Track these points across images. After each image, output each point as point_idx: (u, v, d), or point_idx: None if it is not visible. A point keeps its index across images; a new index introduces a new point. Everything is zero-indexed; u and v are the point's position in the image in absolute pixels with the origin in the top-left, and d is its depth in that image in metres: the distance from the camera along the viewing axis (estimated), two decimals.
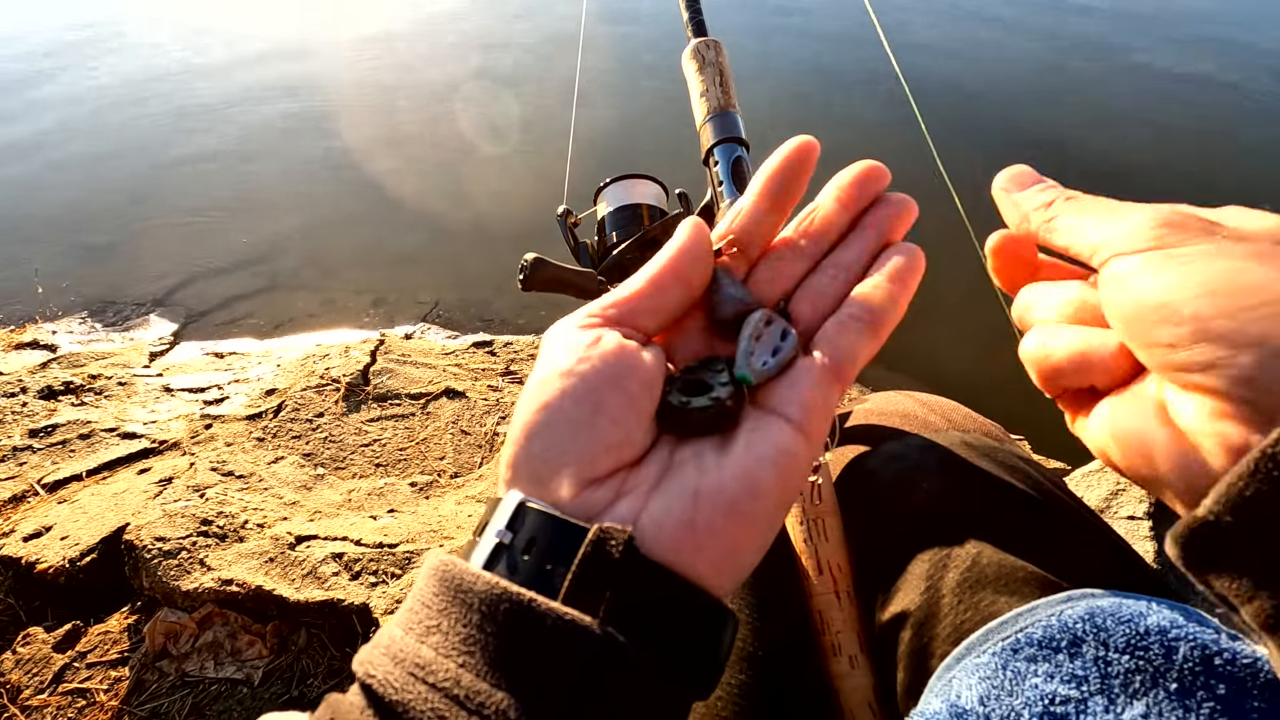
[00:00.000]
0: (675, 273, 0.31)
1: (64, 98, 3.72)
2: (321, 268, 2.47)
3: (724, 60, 0.68)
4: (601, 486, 0.28)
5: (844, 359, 0.30)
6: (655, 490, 0.28)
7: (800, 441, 0.28)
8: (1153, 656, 0.30)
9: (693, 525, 0.26)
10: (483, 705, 0.23)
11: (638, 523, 0.27)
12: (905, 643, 0.40)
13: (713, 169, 0.63)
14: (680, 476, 0.28)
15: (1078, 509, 0.46)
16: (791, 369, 0.30)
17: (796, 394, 0.29)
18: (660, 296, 0.31)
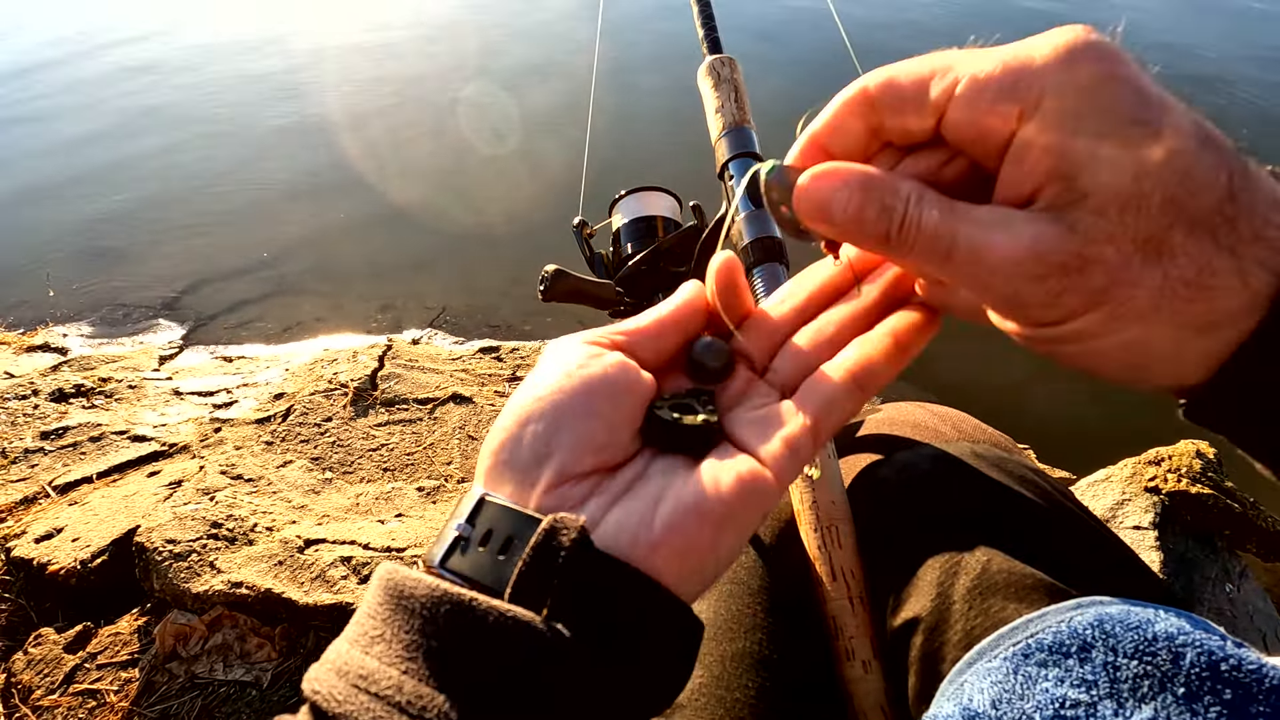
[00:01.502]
0: (676, 321, 0.33)
1: (73, 103, 3.75)
2: (329, 273, 2.49)
3: (739, 77, 0.69)
4: (578, 484, 0.28)
5: (822, 416, 0.31)
6: (625, 495, 0.28)
7: (766, 479, 0.29)
8: (1160, 662, 0.31)
9: (651, 525, 0.27)
10: (424, 710, 0.23)
11: (602, 520, 0.27)
12: (917, 648, 0.41)
13: (727, 183, 0.64)
14: (650, 484, 0.29)
15: (1085, 519, 0.47)
16: (776, 413, 0.31)
17: (767, 442, 0.30)
18: (662, 338, 0.33)
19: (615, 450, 0.30)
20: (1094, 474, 1.38)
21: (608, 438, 0.29)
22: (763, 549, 0.50)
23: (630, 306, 0.72)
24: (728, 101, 0.66)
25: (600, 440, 0.29)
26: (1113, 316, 0.26)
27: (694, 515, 0.27)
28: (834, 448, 0.49)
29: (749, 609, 0.46)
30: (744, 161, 0.63)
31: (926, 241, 0.28)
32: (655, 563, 0.27)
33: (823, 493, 0.47)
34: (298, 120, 3.44)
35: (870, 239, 0.29)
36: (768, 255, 0.58)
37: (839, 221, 0.29)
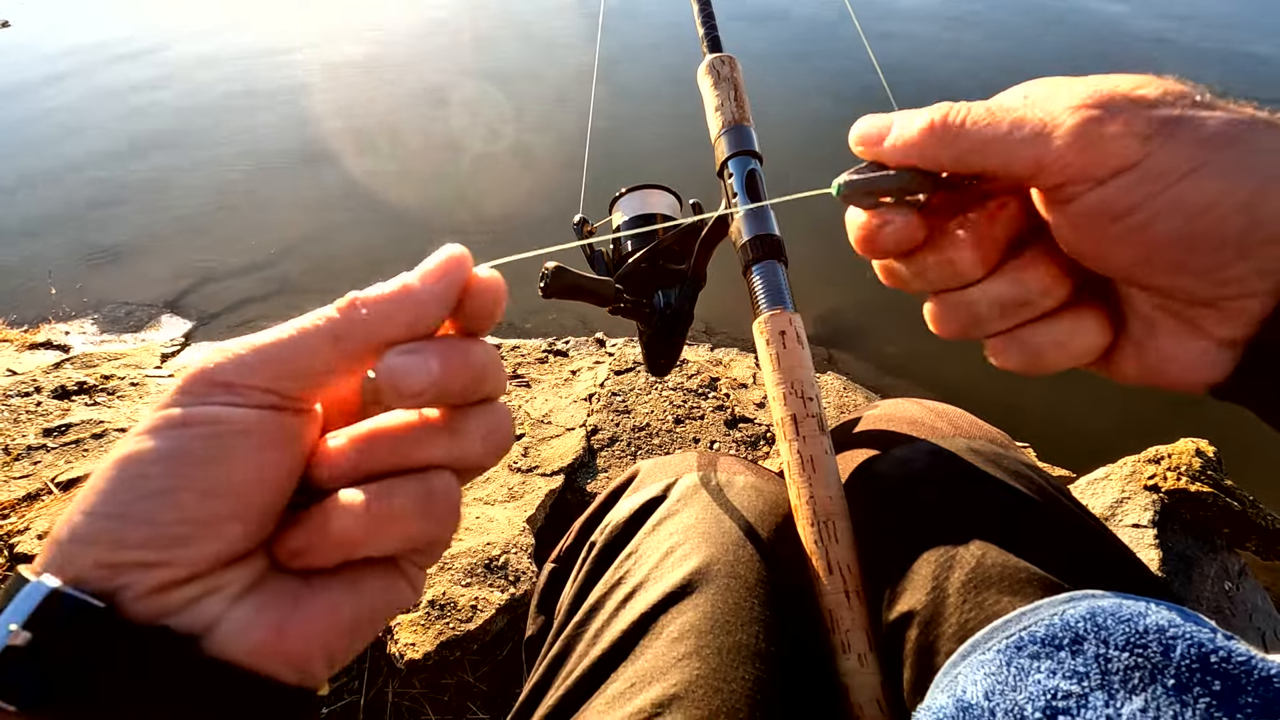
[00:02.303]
0: (333, 331, 0.27)
1: (73, 103, 3.76)
2: (331, 271, 2.50)
3: (738, 75, 0.69)
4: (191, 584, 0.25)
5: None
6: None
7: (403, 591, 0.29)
8: (1151, 654, 0.31)
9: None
10: None
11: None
12: (912, 641, 0.42)
13: (727, 181, 0.65)
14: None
15: (1080, 514, 0.47)
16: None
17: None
18: (306, 357, 0.27)
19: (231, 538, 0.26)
20: (1093, 472, 1.38)
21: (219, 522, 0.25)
22: (760, 543, 0.50)
23: (630, 304, 0.72)
24: (727, 100, 0.67)
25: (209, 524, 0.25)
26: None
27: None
28: (831, 443, 0.50)
29: (746, 602, 0.46)
30: (743, 159, 0.64)
31: (974, 128, 0.31)
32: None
33: (819, 487, 0.48)
34: (299, 120, 3.45)
35: (917, 133, 0.32)
36: (766, 253, 0.59)
37: (888, 137, 0.33)
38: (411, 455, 0.28)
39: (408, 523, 0.27)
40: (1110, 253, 0.30)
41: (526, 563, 1.25)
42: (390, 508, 0.26)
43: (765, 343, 0.54)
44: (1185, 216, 0.27)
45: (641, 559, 0.51)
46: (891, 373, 2.04)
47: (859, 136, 0.34)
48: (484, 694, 1.15)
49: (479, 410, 0.29)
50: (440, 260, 0.29)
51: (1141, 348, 0.32)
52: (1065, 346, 0.33)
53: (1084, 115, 0.28)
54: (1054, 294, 0.32)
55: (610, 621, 0.48)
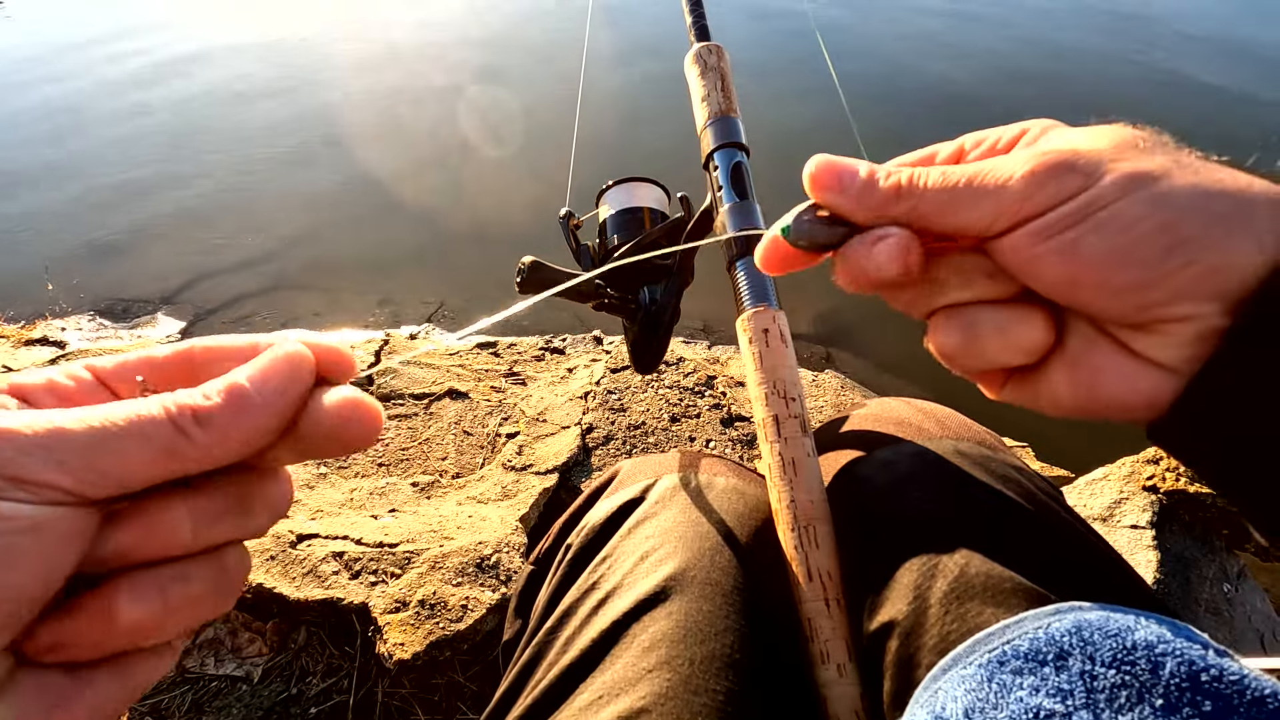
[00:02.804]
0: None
1: (72, 100, 3.75)
2: (328, 268, 2.49)
3: (725, 65, 0.67)
4: None
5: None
6: None
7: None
8: (1139, 671, 0.30)
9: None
10: None
11: None
12: (892, 652, 0.40)
13: (713, 174, 0.63)
14: None
15: (1070, 520, 0.46)
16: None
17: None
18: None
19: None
20: (1091, 473, 1.37)
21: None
22: (739, 548, 0.49)
23: (614, 300, 0.71)
24: (714, 90, 0.65)
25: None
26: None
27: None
28: (813, 445, 0.48)
29: (721, 610, 0.45)
30: (729, 152, 0.62)
31: (939, 181, 0.32)
32: None
33: (800, 491, 0.46)
34: (295, 116, 3.44)
35: (881, 195, 0.33)
36: (750, 248, 0.57)
37: (848, 187, 0.33)
38: (198, 542, 0.25)
39: (203, 606, 0.25)
40: (1042, 271, 0.30)
41: (518, 562, 1.24)
42: (188, 593, 0.25)
43: (748, 341, 0.52)
44: (1109, 234, 0.29)
45: (616, 563, 0.50)
46: (890, 371, 2.02)
47: (815, 179, 0.34)
48: (474, 694, 1.13)
49: (267, 484, 0.28)
50: (275, 362, 0.26)
51: (1076, 364, 0.33)
52: (1005, 333, 0.33)
53: (1034, 165, 0.30)
54: (1001, 283, 0.33)
55: (582, 629, 0.47)
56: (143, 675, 0.26)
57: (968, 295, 0.34)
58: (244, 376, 0.25)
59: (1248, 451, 0.29)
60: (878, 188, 0.33)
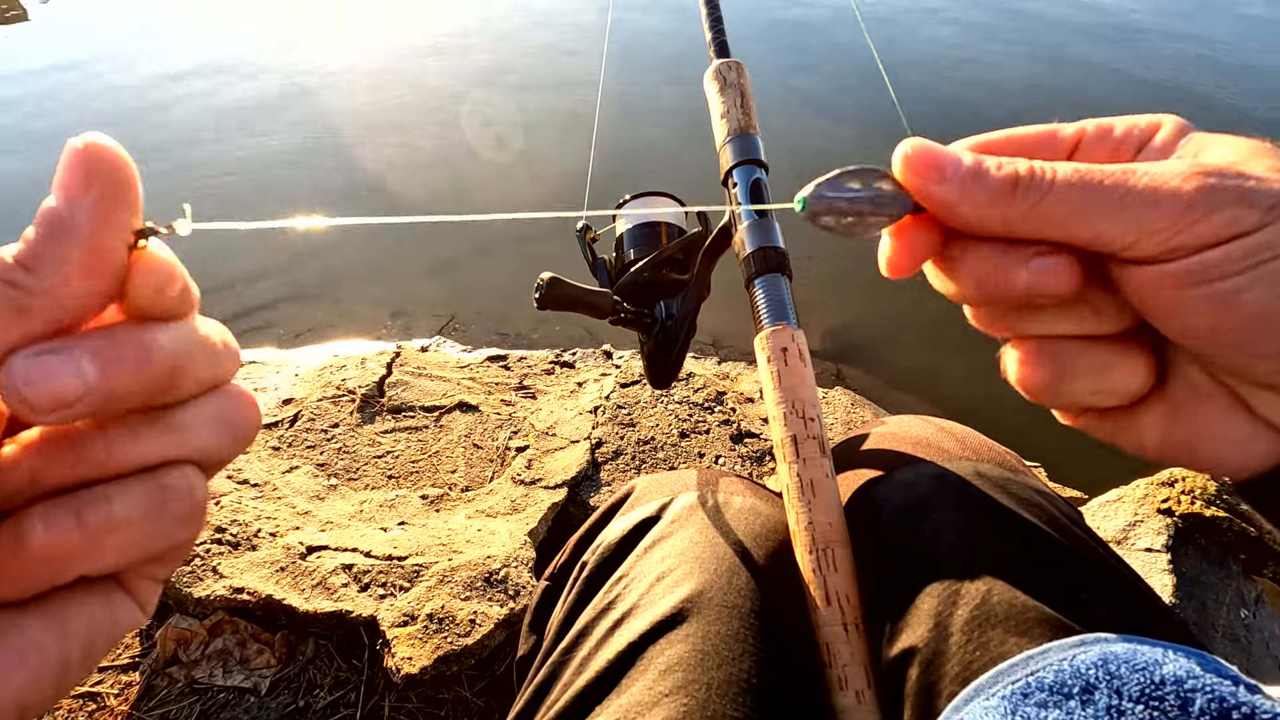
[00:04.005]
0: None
1: (81, 100, 3.79)
2: (341, 279, 2.50)
3: (745, 82, 0.68)
4: None
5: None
6: None
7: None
8: (1168, 707, 0.29)
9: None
10: None
11: None
12: (913, 680, 0.40)
13: (731, 190, 0.63)
14: None
15: (1093, 546, 0.45)
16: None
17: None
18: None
19: None
20: (1106, 494, 1.35)
21: None
22: (756, 569, 0.48)
23: (630, 315, 0.71)
24: (733, 107, 0.65)
25: None
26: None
27: None
28: (832, 466, 0.48)
29: (739, 633, 0.44)
30: (748, 168, 0.62)
31: (1073, 177, 0.27)
32: None
33: (819, 513, 0.46)
34: (308, 125, 3.47)
35: (992, 187, 0.28)
36: (769, 265, 0.57)
37: (950, 177, 0.28)
38: (116, 460, 0.23)
39: (134, 530, 0.23)
40: (1184, 315, 0.26)
41: (527, 577, 1.23)
42: (109, 515, 0.22)
43: (766, 360, 0.52)
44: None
45: (632, 583, 0.49)
46: (901, 388, 2.01)
47: (910, 162, 0.29)
48: (480, 709, 1.13)
49: (202, 400, 0.25)
50: (70, 163, 0.22)
51: (1176, 412, 0.29)
52: (1101, 374, 0.29)
53: (1201, 182, 0.25)
54: (1109, 319, 0.29)
55: (598, 650, 0.47)
56: (82, 619, 0.23)
57: (1065, 329, 0.29)
58: (51, 198, 0.22)
59: None
60: (989, 177, 0.27)
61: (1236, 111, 3.46)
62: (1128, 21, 4.65)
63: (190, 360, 0.24)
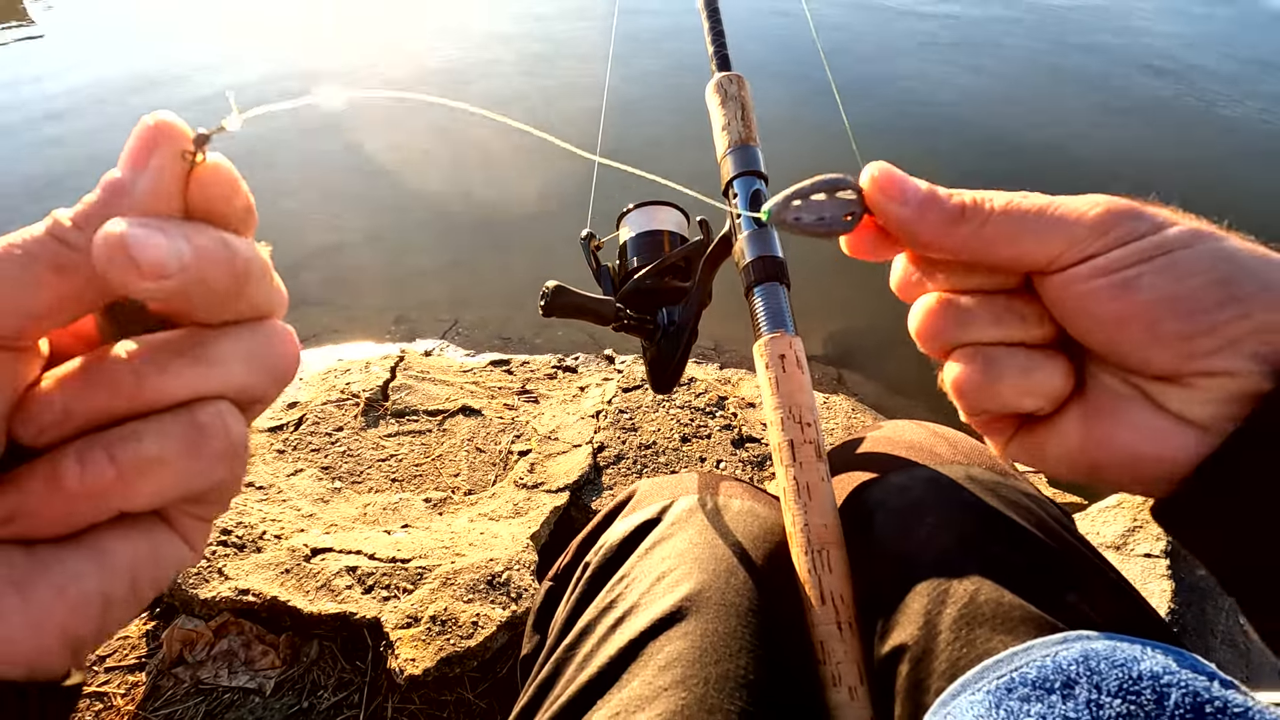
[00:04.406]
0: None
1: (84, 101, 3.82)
2: (345, 284, 2.51)
3: (746, 95, 0.69)
4: None
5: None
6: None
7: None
8: (1144, 702, 0.30)
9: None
10: None
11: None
12: (902, 676, 0.41)
13: (731, 200, 0.65)
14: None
15: (1080, 548, 0.46)
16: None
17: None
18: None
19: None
20: (1105, 500, 1.36)
21: None
22: (754, 569, 0.50)
23: (634, 321, 0.72)
24: (734, 119, 0.67)
25: None
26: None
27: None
28: (827, 469, 0.49)
29: (736, 631, 0.45)
30: (748, 180, 0.64)
31: (1008, 206, 0.32)
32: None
33: (814, 515, 0.47)
34: (314, 129, 3.49)
35: (946, 213, 0.32)
36: (768, 275, 0.58)
37: (911, 200, 0.33)
38: (147, 395, 0.23)
39: (168, 468, 0.23)
40: (1092, 308, 0.31)
41: (529, 580, 1.24)
42: (139, 453, 0.22)
43: (765, 366, 0.53)
44: (1170, 277, 0.29)
45: (633, 583, 0.51)
46: (902, 394, 2.02)
47: (878, 183, 0.33)
48: (483, 711, 1.14)
49: (242, 330, 0.25)
50: (137, 137, 0.23)
51: (1096, 413, 0.33)
52: (1028, 374, 0.33)
53: (1108, 205, 0.31)
54: (1033, 326, 0.33)
55: (600, 646, 0.48)
56: (125, 554, 0.24)
57: (995, 334, 0.33)
58: (117, 168, 0.23)
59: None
60: (942, 204, 0.32)
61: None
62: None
63: (255, 277, 0.24)
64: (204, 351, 0.24)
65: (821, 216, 0.34)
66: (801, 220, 0.34)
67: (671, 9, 4.82)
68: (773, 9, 4.84)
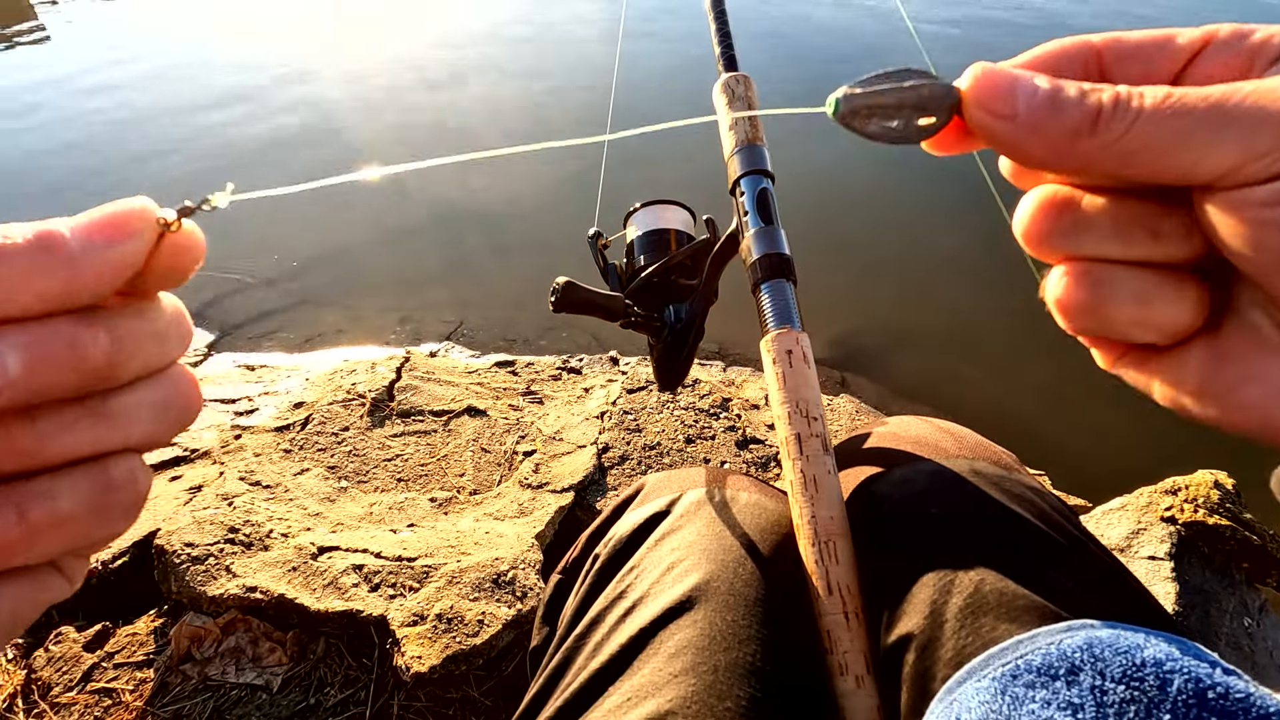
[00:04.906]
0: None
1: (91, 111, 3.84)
2: (351, 285, 2.53)
3: (753, 94, 0.70)
4: None
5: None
6: None
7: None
8: (1148, 688, 0.31)
9: None
10: None
11: None
12: (909, 665, 0.41)
13: (739, 199, 0.65)
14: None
15: (1082, 539, 0.47)
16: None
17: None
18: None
19: None
20: (1108, 502, 1.36)
21: None
22: (761, 560, 0.50)
23: (641, 318, 0.73)
24: (741, 119, 0.67)
25: None
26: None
27: None
28: (834, 462, 0.50)
29: (744, 620, 0.46)
30: (755, 178, 0.64)
31: (1164, 104, 0.23)
32: None
33: (821, 508, 0.48)
34: (318, 131, 3.51)
35: (1070, 123, 0.24)
36: (774, 272, 0.59)
37: (1023, 112, 0.24)
38: (48, 454, 0.22)
39: (77, 524, 0.22)
40: (1265, 237, 0.23)
41: (534, 579, 1.25)
42: (53, 510, 0.22)
43: (772, 361, 0.54)
44: None
45: (643, 574, 0.51)
46: (905, 397, 2.03)
47: (979, 90, 0.25)
48: (488, 709, 1.14)
49: (146, 381, 0.24)
50: (111, 214, 0.22)
51: (1226, 356, 0.26)
52: (1147, 304, 0.26)
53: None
54: (1169, 244, 0.26)
55: (610, 635, 0.49)
56: (16, 599, 0.23)
57: (1117, 250, 0.26)
58: (66, 224, 0.21)
59: None
60: (1067, 111, 0.24)
61: None
62: None
63: (136, 350, 0.23)
64: (110, 406, 0.23)
65: (894, 123, 0.27)
66: (870, 128, 0.27)
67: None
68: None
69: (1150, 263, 0.26)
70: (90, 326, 0.22)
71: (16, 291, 0.20)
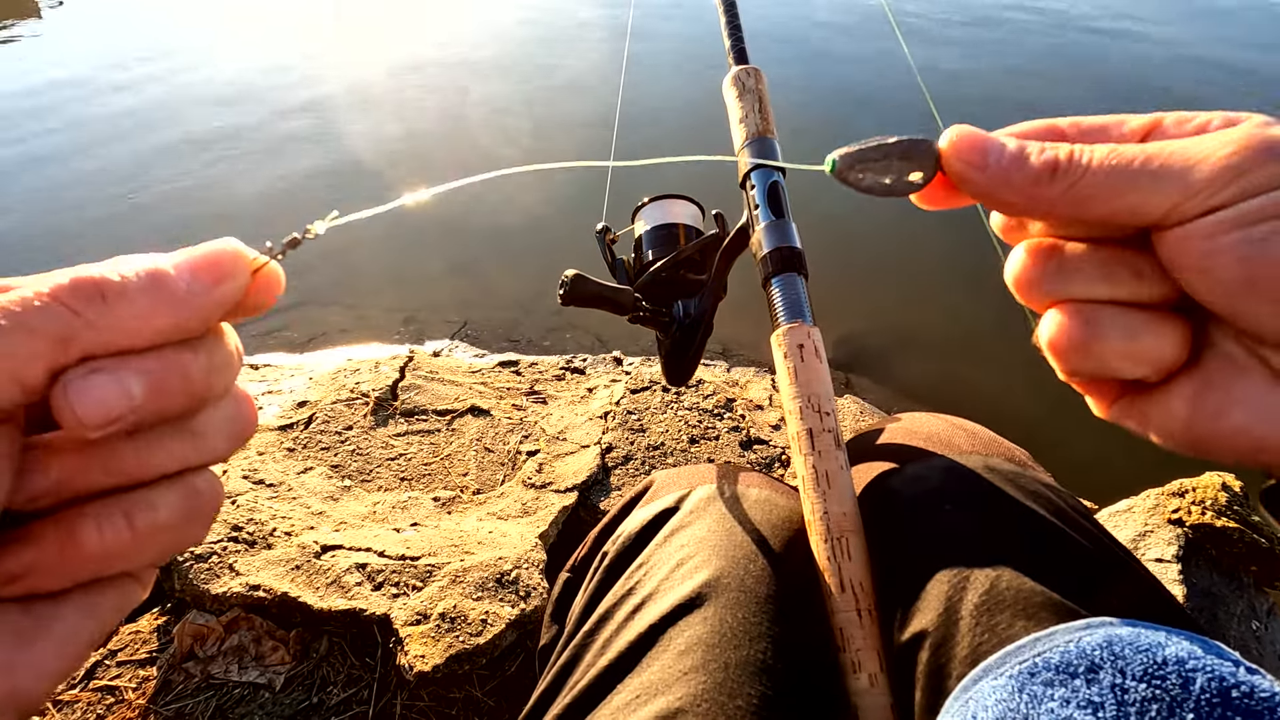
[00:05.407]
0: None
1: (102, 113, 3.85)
2: (355, 285, 2.52)
3: (763, 87, 0.69)
4: None
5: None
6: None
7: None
8: (1170, 686, 0.30)
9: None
10: None
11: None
12: (923, 663, 0.41)
13: (749, 193, 0.65)
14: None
15: (1099, 536, 0.46)
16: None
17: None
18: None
19: None
20: (1115, 505, 1.36)
21: None
22: (772, 557, 0.50)
23: (649, 313, 0.72)
24: (751, 112, 0.67)
25: None
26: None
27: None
28: (846, 459, 0.49)
29: (755, 617, 0.45)
30: (765, 171, 0.64)
31: (1109, 160, 0.27)
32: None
33: (834, 503, 0.47)
34: (321, 131, 3.51)
35: (1031, 173, 0.28)
36: (785, 265, 0.59)
37: (993, 164, 0.29)
38: (145, 469, 0.24)
39: (174, 532, 0.25)
40: (1216, 268, 0.25)
41: (538, 578, 1.24)
42: (155, 519, 0.24)
43: (783, 355, 0.54)
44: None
45: (652, 570, 0.51)
46: (910, 398, 2.02)
47: (955, 149, 0.29)
48: (491, 709, 1.14)
49: (220, 405, 0.27)
50: (212, 255, 0.25)
51: (1209, 386, 0.28)
52: (1135, 339, 0.28)
53: (1237, 145, 0.25)
54: (1149, 284, 0.29)
55: (619, 632, 0.48)
56: (111, 608, 0.25)
57: (1103, 291, 0.29)
58: (170, 262, 0.24)
59: None
60: (1029, 164, 0.28)
61: None
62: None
63: (221, 375, 0.26)
64: (195, 426, 0.26)
65: (886, 179, 0.31)
66: (864, 181, 0.31)
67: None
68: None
69: (1135, 302, 0.29)
70: (195, 354, 0.24)
71: (140, 327, 0.22)
